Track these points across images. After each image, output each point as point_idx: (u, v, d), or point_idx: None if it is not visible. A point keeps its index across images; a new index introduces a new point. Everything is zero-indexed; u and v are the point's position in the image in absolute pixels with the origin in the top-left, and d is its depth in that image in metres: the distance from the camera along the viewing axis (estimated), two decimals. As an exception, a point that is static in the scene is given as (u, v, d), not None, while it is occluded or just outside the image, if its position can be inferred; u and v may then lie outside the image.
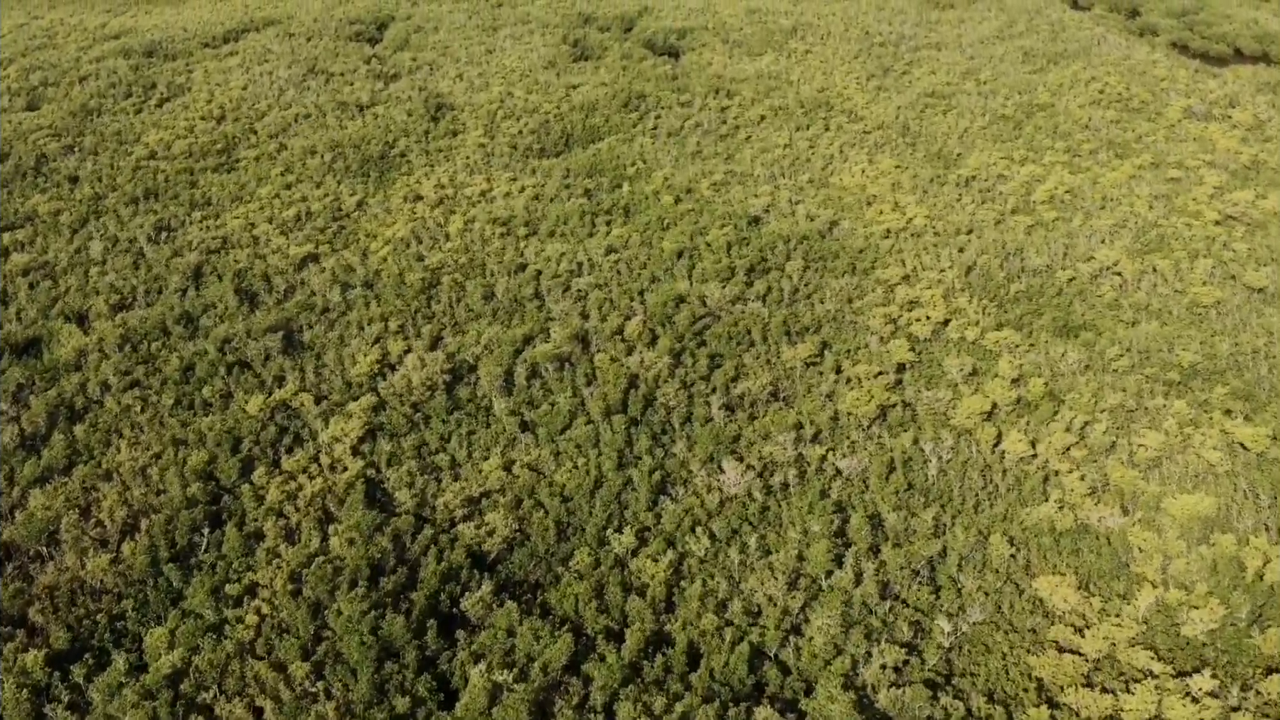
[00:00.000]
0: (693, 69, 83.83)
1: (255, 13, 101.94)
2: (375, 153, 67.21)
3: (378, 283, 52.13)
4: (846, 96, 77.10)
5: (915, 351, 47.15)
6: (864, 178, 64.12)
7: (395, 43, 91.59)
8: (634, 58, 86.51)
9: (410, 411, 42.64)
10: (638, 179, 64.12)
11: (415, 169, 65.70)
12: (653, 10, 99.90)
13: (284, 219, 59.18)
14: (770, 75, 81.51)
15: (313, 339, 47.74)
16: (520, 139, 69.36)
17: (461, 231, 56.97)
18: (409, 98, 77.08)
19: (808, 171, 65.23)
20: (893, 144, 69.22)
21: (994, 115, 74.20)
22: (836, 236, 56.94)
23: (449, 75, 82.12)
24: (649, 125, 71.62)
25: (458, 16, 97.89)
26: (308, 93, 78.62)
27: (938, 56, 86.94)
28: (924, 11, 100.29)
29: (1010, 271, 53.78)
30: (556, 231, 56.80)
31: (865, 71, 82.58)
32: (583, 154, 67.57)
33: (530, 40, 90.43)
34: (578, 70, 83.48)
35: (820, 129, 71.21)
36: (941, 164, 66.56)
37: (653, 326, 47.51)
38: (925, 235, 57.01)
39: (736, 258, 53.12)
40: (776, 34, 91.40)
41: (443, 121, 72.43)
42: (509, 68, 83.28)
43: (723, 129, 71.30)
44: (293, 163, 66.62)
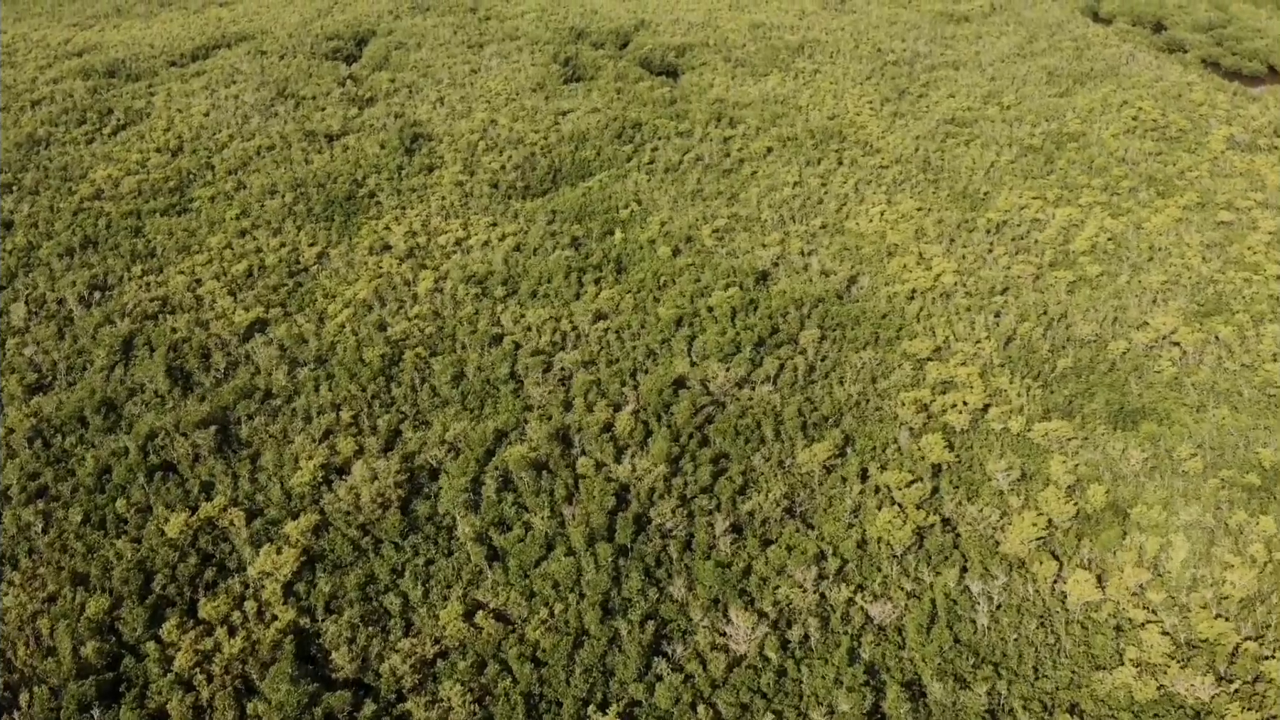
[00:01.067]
0: (692, 91, 76.14)
1: (229, 27, 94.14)
2: (341, 193, 59.60)
3: (332, 358, 44.62)
4: (860, 124, 69.42)
5: (952, 448, 39.69)
6: (883, 222, 56.54)
7: (374, 61, 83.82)
8: (629, 78, 78.79)
9: (358, 535, 35.21)
10: (632, 224, 56.59)
11: (385, 212, 58.11)
12: (650, 25, 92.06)
13: (234, 274, 51.64)
14: (777, 99, 73.82)
15: (251, 434, 40.25)
16: (502, 175, 61.74)
17: (431, 292, 49.44)
18: (383, 126, 69.41)
19: (820, 215, 57.64)
20: (913, 181, 61.58)
21: (1022, 146, 66.54)
22: (855, 297, 49.42)
23: (429, 99, 74.43)
24: (644, 159, 63.98)
25: (442, 31, 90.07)
26: (274, 120, 70.94)
27: (956, 77, 79.21)
28: (938, 26, 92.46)
29: (1054, 342, 46.26)
30: (539, 292, 49.26)
31: (879, 95, 74.87)
32: (571, 193, 59.96)
33: (518, 59, 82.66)
34: (568, 93, 75.77)
35: (833, 163, 63.57)
36: (968, 205, 58.95)
37: (647, 419, 40.03)
38: (956, 296, 49.46)
39: (743, 327, 45.58)
40: (782, 52, 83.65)
41: (418, 154, 64.80)
42: (494, 90, 75.57)
43: (726, 163, 63.68)
44: (250, 204, 59.03)
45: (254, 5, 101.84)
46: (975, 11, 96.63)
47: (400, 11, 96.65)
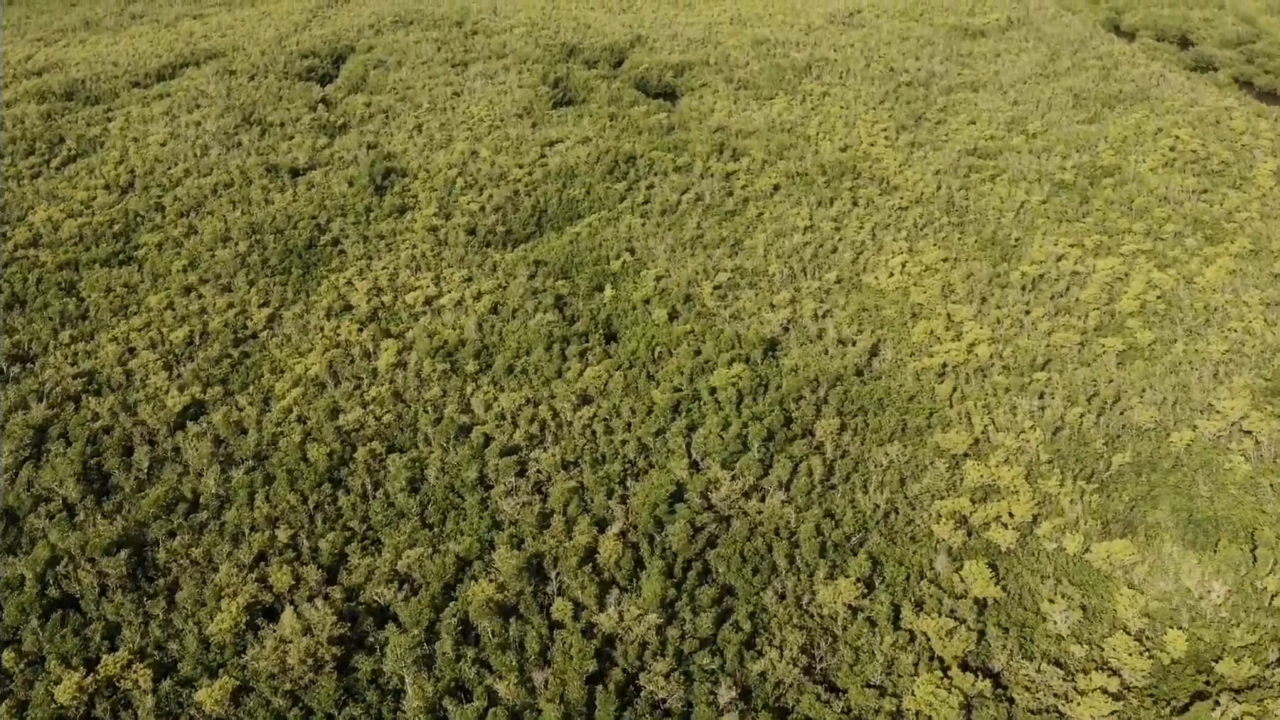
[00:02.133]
0: (692, 118, 69.07)
1: (200, 43, 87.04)
2: (301, 240, 52.64)
3: (273, 455, 37.75)
4: (875, 157, 62.39)
5: (998, 577, 32.90)
6: (905, 276, 49.60)
7: (350, 81, 76.73)
8: (624, 102, 71.73)
9: (284, 704, 28.40)
10: (624, 278, 49.66)
11: (349, 263, 51.18)
12: (646, 41, 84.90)
13: (173, 342, 44.76)
14: (783, 126, 66.77)
15: (170, 558, 33.44)
16: (481, 218, 54.78)
17: (393, 367, 42.55)
18: (354, 159, 62.40)
19: (834, 266, 50.70)
20: (936, 224, 54.61)
21: (1053, 182, 59.51)
22: (878, 372, 42.51)
23: (406, 126, 67.38)
24: (639, 198, 57.00)
25: (425, 48, 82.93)
26: (236, 152, 63.91)
27: (976, 100, 72.13)
28: (953, 42, 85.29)
29: (1109, 431, 39.38)
30: (516, 367, 42.36)
31: (894, 121, 67.79)
32: (556, 240, 53.02)
33: (504, 79, 75.56)
34: (557, 119, 68.70)
35: (847, 203, 56.57)
36: (998, 253, 51.96)
37: (637, 540, 33.21)
38: (992, 372, 42.53)
39: (750, 417, 38.69)
40: (788, 72, 76.52)
41: (390, 193, 57.81)
42: (476, 116, 68.51)
43: (728, 203, 56.68)
44: (200, 253, 52.10)
45: (229, 18, 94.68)
46: (991, 25, 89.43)
47: (383, 25, 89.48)
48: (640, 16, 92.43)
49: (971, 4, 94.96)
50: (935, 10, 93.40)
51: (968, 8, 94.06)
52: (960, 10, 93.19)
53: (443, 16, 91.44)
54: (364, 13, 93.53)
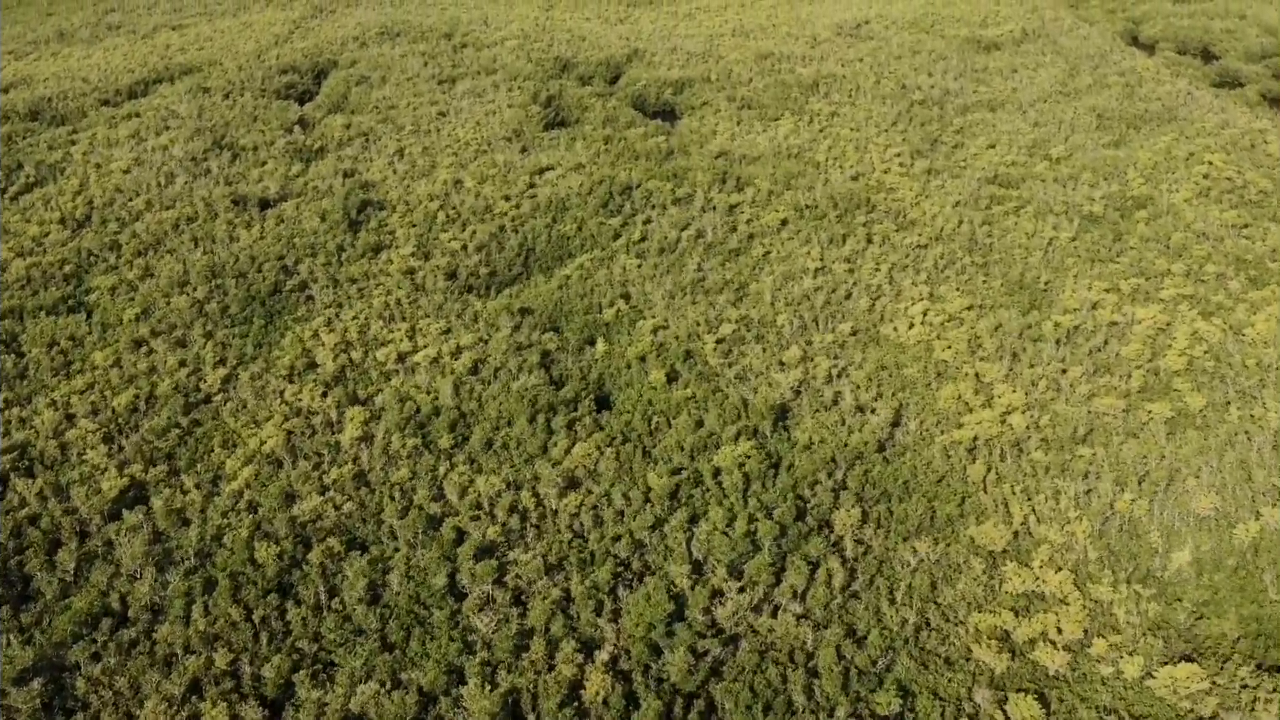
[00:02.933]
0: (692, 141, 63.89)
1: (176, 57, 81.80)
2: (266, 285, 47.53)
3: (217, 554, 32.72)
4: (889, 187, 57.23)
5: (1049, 713, 27.88)
6: (927, 326, 44.53)
7: (330, 100, 71.53)
8: (619, 123, 66.55)
9: None
10: (618, 329, 44.59)
11: (316, 311, 46.09)
12: (644, 55, 79.64)
13: (115, 409, 39.71)
14: (790, 152, 61.59)
15: (90, 689, 28.44)
16: (463, 259, 49.65)
17: (358, 441, 37.47)
18: (329, 188, 57.26)
19: (849, 315, 45.62)
20: (958, 265, 49.51)
21: (1081, 216, 54.39)
22: (901, 447, 37.44)
23: (386, 151, 62.21)
24: (635, 235, 51.84)
25: (411, 62, 77.70)
26: (203, 180, 58.77)
27: (994, 121, 66.94)
28: (966, 56, 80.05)
29: (1164, 522, 34.35)
30: (495, 441, 37.28)
31: (908, 145, 62.60)
32: (544, 285, 47.89)
33: (493, 97, 70.36)
34: (548, 142, 63.53)
35: (861, 241, 51.43)
36: (1027, 299, 46.87)
37: (630, 668, 28.21)
38: (1030, 446, 37.46)
39: (758, 508, 33.63)
40: (794, 89, 71.31)
41: (365, 229, 52.67)
42: (462, 140, 63.33)
43: (732, 239, 51.58)
44: (154, 300, 47.03)
45: (208, 29, 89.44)
46: (1006, 38, 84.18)
47: (368, 38, 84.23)
48: (638, 28, 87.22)
49: (984, 15, 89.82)
50: (946, 21, 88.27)
51: (980, 19, 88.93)
52: (972, 21, 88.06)
53: (431, 28, 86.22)
54: (349, 23, 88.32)
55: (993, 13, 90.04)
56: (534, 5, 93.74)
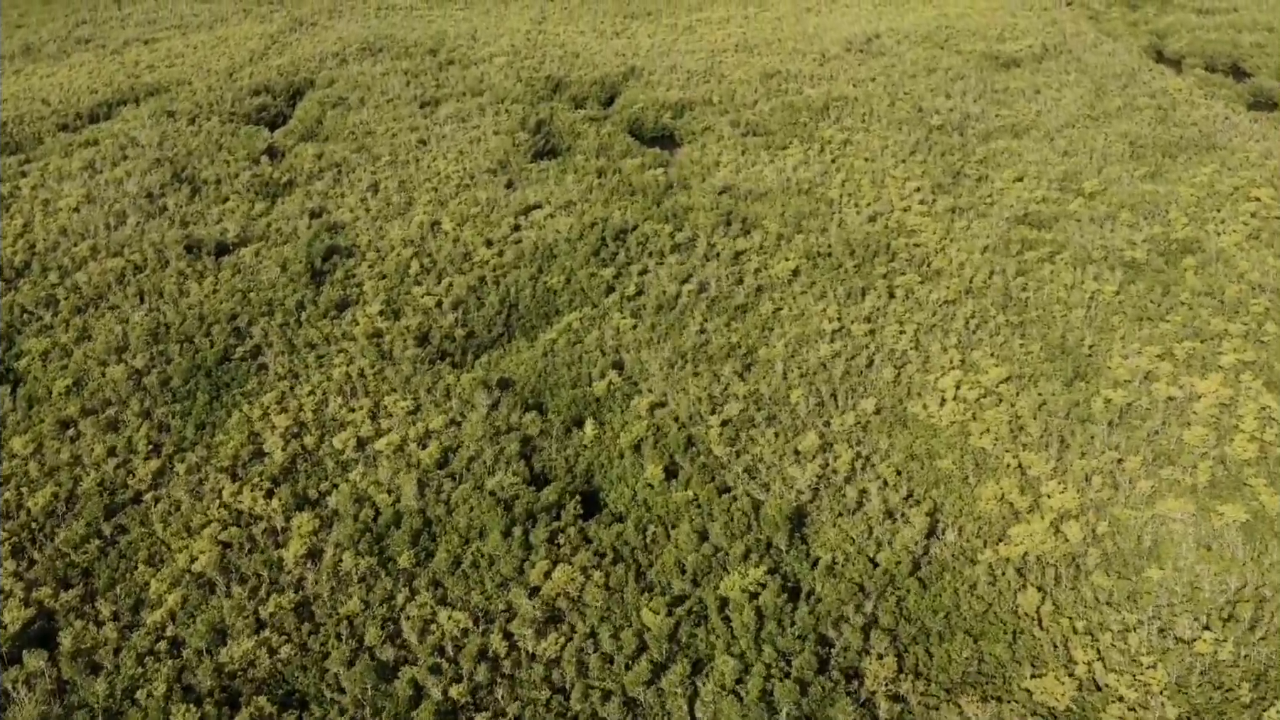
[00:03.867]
0: (693, 173, 57.72)
1: (144, 76, 75.55)
2: (214, 352, 41.46)
3: (127, 715, 26.79)
4: (910, 229, 51.12)
5: None
6: (961, 404, 38.51)
7: (304, 125, 65.34)
8: (614, 151, 60.41)
9: None
10: (609, 408, 38.57)
11: (269, 384, 40.04)
12: (641, 73, 73.38)
13: (31, 510, 33.75)
14: (801, 186, 55.42)
15: None
16: (438, 317, 43.59)
17: (305, 559, 31.50)
18: (293, 231, 51.16)
19: (871, 389, 39.58)
20: (991, 326, 43.44)
21: (1123, 264, 48.33)
22: (938, 564, 31.46)
23: (359, 186, 56.06)
24: (629, 289, 45.73)
25: (393, 82, 71.47)
26: (157, 220, 52.68)
27: (1019, 150, 60.74)
28: (985, 74, 73.77)
29: (1253, 667, 28.40)
30: (464, 559, 31.31)
31: (929, 178, 56.44)
32: (527, 350, 41.82)
33: (479, 122, 64.15)
34: (537, 175, 57.36)
35: (881, 296, 45.35)
36: (1070, 367, 40.82)
37: None
38: (1088, 565, 31.47)
39: (774, 658, 27.68)
40: (803, 113, 65.09)
41: (330, 281, 46.59)
42: (442, 173, 57.16)
43: (738, 293, 45.49)
44: (89, 369, 41.01)
45: (181, 44, 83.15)
46: (1025, 54, 77.92)
47: (348, 54, 77.98)
48: (635, 42, 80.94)
49: (1000, 28, 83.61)
50: (961, 35, 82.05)
51: (996, 32, 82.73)
52: (989, 35, 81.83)
53: (416, 43, 79.96)
54: (329, 38, 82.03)
55: (1010, 26, 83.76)
56: (525, 18, 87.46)
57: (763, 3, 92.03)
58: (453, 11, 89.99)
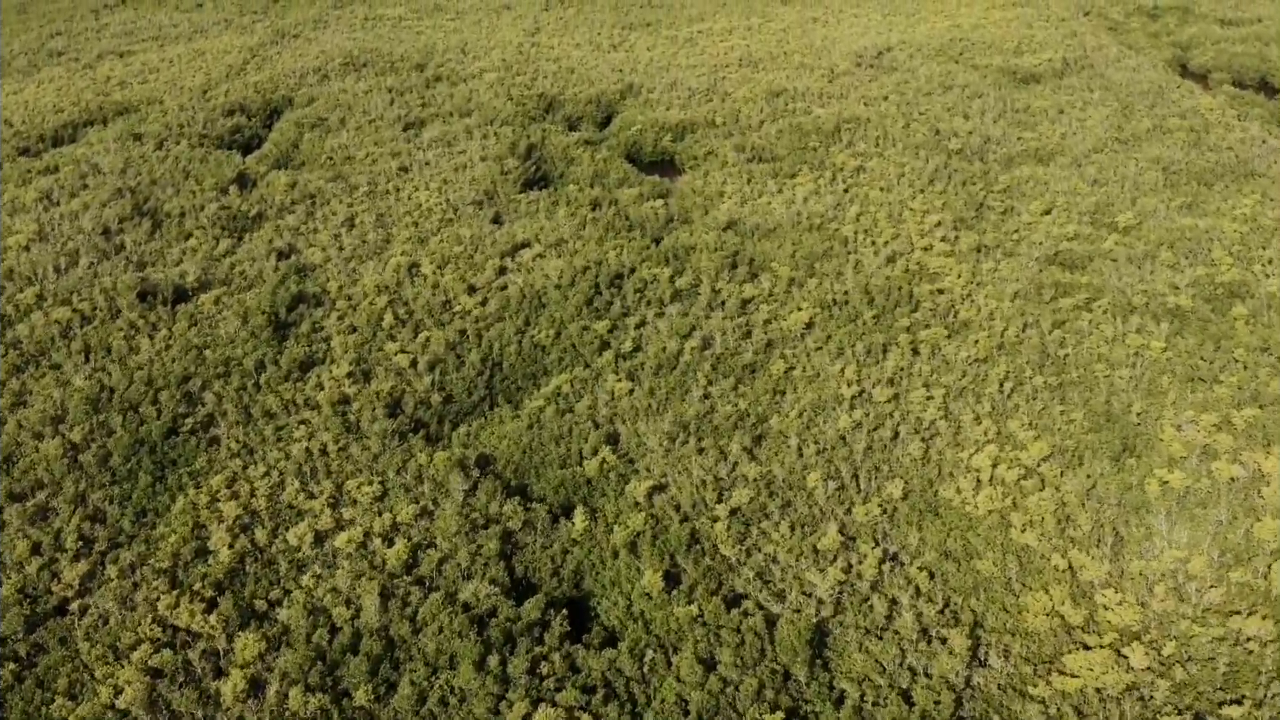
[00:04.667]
0: (695, 205, 52.73)
1: (114, 93, 70.48)
2: (161, 424, 36.52)
3: None
4: (933, 272, 46.14)
5: None
6: (999, 488, 33.62)
7: (279, 149, 60.31)
8: (610, 179, 55.43)
9: None
10: (602, 491, 33.68)
11: (220, 462, 35.10)
12: (640, 90, 68.29)
13: (-68, 626, 28.90)
14: (812, 221, 50.41)
15: None
16: (412, 380, 38.66)
17: (244, 697, 26.60)
18: (259, 274, 46.19)
19: (898, 469, 34.67)
20: (1028, 389, 38.51)
21: (1166, 310, 43.34)
22: (984, 699, 26.58)
23: (334, 220, 51.08)
24: (625, 344, 40.77)
25: (376, 100, 66.39)
26: (112, 261, 47.72)
27: (1045, 178, 55.71)
28: (1004, 91, 68.63)
29: (1369, 841, 23.59)
30: (430, 696, 26.40)
31: (950, 211, 51.43)
32: (511, 422, 36.86)
33: (465, 147, 59.09)
34: (526, 208, 52.34)
35: (905, 353, 40.38)
36: (1118, 439, 35.90)
37: None
38: (1158, 701, 26.60)
39: (796, 835, 22.81)
40: (813, 136, 60.02)
41: (295, 335, 41.62)
42: (424, 206, 52.15)
43: (746, 349, 40.55)
44: (21, 443, 36.07)
45: (156, 58, 78.03)
46: (1045, 69, 72.81)
47: (330, 69, 72.88)
48: (633, 56, 75.79)
49: (1017, 40, 78.53)
50: (976, 48, 76.96)
51: (1014, 45, 77.63)
52: (1005, 48, 76.75)
53: (402, 57, 74.83)
54: (312, 52, 76.89)
55: (1027, 38, 78.59)
56: (518, 29, 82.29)
57: (767, 13, 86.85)
58: (443, 22, 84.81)
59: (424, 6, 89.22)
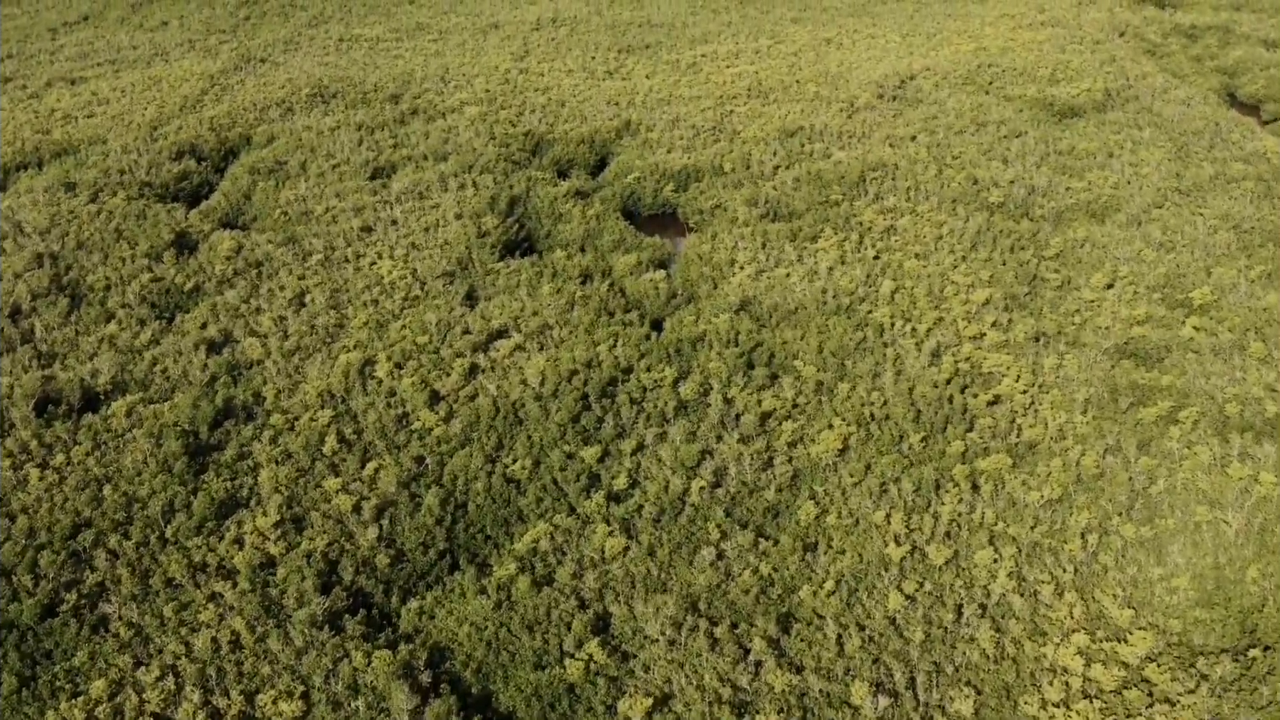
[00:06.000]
0: (701, 277, 44.25)
1: (55, 130, 61.75)
2: (36, 602, 28.12)
3: None
4: (987, 373, 37.73)
5: None
6: (1093, 704, 25.40)
7: (229, 200, 51.79)
8: (603, 242, 47.01)
9: None
10: (585, 704, 25.44)
11: (105, 658, 26.79)
12: (638, 128, 59.65)
13: None
14: (840, 302, 41.92)
15: None
16: (355, 531, 30.31)
17: None
18: (183, 373, 37.73)
19: (964, 668, 26.41)
20: (1117, 544, 30.18)
21: (1271, 429, 34.96)
22: None
23: (280, 298, 42.58)
24: (618, 480, 32.38)
25: (343, 140, 57.78)
26: (16, 353, 39.22)
27: (1102, 239, 47.22)
28: (1043, 127, 59.98)
29: None
30: None
31: (999, 285, 42.95)
32: (473, 600, 28.48)
33: (438, 200, 50.54)
34: (505, 281, 43.80)
35: (963, 492, 32.01)
36: (1238, 625, 27.61)
37: None
38: None
39: None
40: (834, 187, 51.47)
41: (216, 467, 33.19)
42: (386, 279, 43.64)
43: (767, 486, 32.20)
44: None
45: (108, 86, 69.26)
46: (1085, 100, 64.17)
47: (296, 101, 64.18)
48: (631, 85, 67.02)
49: (1051, 67, 69.90)
50: (1007, 76, 68.36)
51: (1047, 72, 69.02)
52: (1039, 76, 68.14)
53: (375, 87, 66.12)
54: (278, 80, 68.10)
55: (1061, 64, 69.86)
56: (506, 52, 73.49)
57: (776, 34, 78.04)
58: (424, 44, 75.99)
59: (404, 26, 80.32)
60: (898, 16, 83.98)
